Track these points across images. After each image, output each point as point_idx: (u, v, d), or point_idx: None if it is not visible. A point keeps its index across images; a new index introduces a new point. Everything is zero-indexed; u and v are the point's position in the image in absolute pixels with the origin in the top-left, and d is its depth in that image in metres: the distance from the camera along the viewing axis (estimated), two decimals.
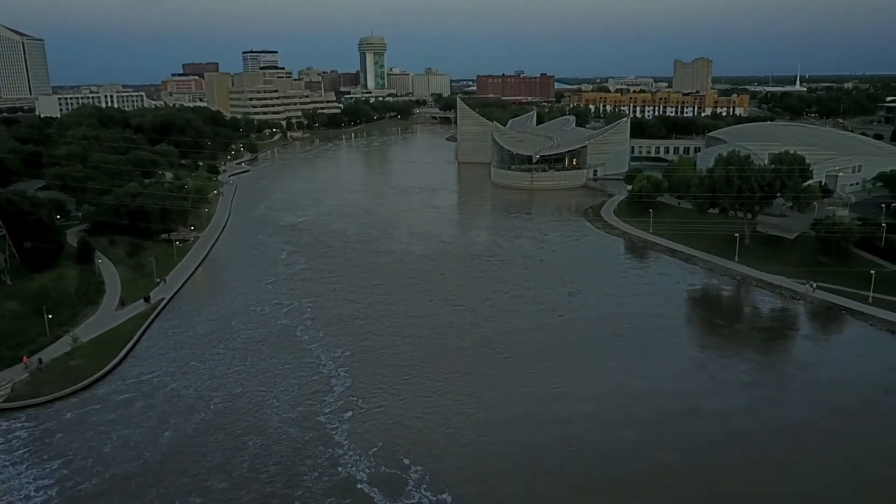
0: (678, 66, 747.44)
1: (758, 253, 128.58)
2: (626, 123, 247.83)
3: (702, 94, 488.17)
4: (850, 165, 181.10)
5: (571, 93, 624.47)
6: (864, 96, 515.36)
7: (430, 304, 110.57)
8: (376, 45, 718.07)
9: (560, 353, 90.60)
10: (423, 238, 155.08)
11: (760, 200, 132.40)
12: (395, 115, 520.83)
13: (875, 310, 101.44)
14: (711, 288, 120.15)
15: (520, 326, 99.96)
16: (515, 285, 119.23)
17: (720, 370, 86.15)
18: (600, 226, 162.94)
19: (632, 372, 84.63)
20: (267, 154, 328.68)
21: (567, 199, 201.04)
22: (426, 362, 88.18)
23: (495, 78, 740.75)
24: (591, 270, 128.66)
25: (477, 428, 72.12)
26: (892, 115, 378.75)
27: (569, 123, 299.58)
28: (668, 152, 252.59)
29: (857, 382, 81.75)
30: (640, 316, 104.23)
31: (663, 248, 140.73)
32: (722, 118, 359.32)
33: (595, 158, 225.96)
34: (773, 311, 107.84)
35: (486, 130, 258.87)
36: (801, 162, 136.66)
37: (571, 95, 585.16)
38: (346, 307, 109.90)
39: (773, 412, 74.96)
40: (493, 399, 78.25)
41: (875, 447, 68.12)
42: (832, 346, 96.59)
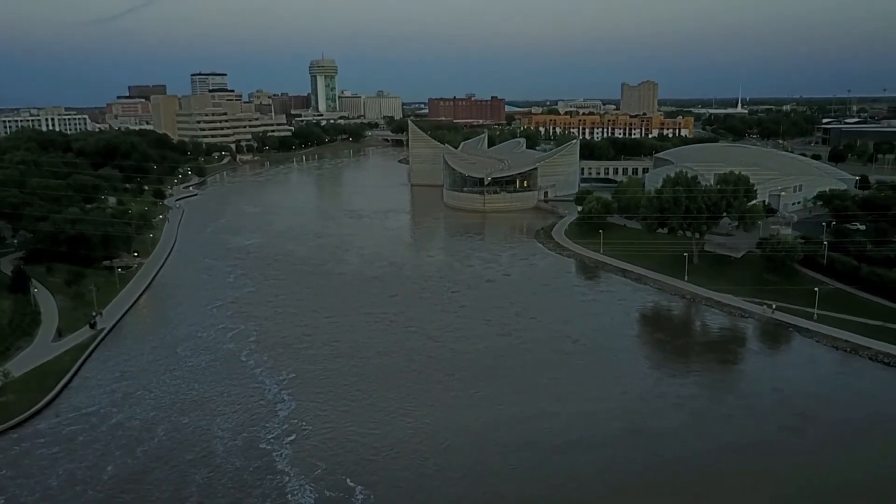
0: (625, 88, 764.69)
1: (706, 272, 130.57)
2: (575, 145, 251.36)
3: (648, 117, 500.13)
4: (791, 185, 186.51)
5: (522, 115, 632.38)
6: (801, 118, 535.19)
7: (379, 326, 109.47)
8: (327, 67, 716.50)
9: (508, 375, 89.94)
10: (374, 260, 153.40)
11: (707, 220, 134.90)
12: (346, 138, 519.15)
13: (820, 326, 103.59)
14: (662, 307, 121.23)
15: (469, 348, 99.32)
16: (466, 307, 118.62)
17: (670, 390, 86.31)
18: (552, 246, 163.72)
19: (582, 393, 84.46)
20: (216, 177, 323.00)
21: (519, 221, 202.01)
22: (373, 384, 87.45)
23: (447, 101, 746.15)
24: (542, 291, 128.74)
25: (422, 450, 71.29)
26: (829, 137, 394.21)
27: (519, 146, 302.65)
28: (617, 173, 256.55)
29: (804, 399, 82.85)
30: (591, 336, 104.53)
31: (614, 268, 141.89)
32: (668, 139, 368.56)
33: (546, 180, 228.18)
34: (722, 329, 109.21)
35: (438, 153, 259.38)
36: (746, 182, 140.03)
37: (522, 118, 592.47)
38: (293, 330, 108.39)
39: (722, 430, 75.45)
40: (438, 421, 77.53)
41: (822, 461, 68.94)
42: (780, 364, 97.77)
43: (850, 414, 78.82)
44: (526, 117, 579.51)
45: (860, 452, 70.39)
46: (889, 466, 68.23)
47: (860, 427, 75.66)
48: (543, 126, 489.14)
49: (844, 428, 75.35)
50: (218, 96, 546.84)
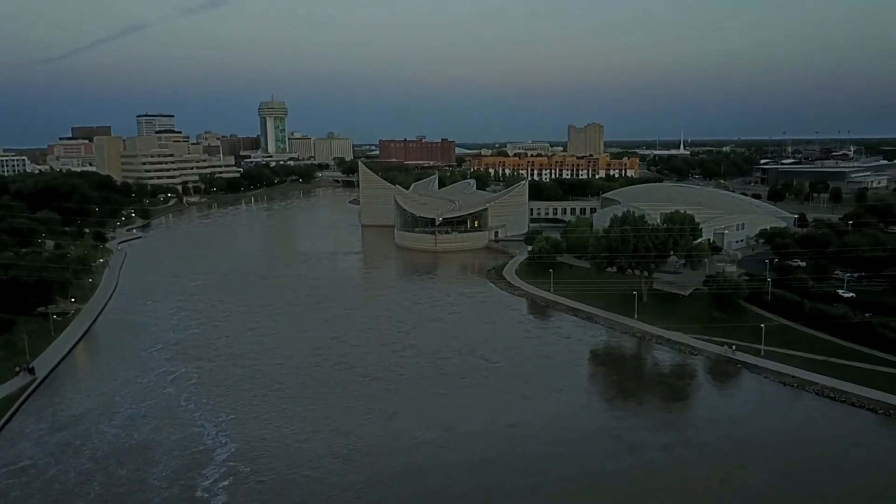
0: (572, 130, 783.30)
1: (656, 310, 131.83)
2: (524, 186, 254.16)
3: (595, 158, 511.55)
4: (734, 223, 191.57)
5: (472, 157, 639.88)
6: (741, 159, 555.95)
7: (324, 367, 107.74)
8: (277, 109, 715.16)
9: (458, 415, 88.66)
10: (322, 301, 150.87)
11: (655, 259, 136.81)
12: (296, 179, 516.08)
13: (767, 362, 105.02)
14: (612, 345, 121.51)
15: (415, 389, 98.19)
16: (418, 348, 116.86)
17: (624, 430, 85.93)
18: (503, 286, 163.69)
19: (537, 436, 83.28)
20: (161, 220, 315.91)
21: (470, 260, 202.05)
22: (314, 425, 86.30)
23: (397, 143, 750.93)
24: (493, 331, 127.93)
25: (360, 495, 70.11)
26: (767, 177, 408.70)
27: (470, 187, 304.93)
28: (566, 213, 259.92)
29: (755, 437, 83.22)
30: (543, 377, 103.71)
31: (564, 307, 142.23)
32: (615, 180, 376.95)
33: (496, 220, 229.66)
34: (672, 366, 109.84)
35: (388, 194, 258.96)
36: (691, 221, 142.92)
37: (472, 160, 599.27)
38: (236, 371, 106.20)
39: (677, 469, 75.32)
40: (380, 464, 76.56)
41: (775, 497, 68.82)
42: (730, 401, 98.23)
43: (798, 451, 79.22)
44: (476, 159, 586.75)
45: (807, 489, 70.63)
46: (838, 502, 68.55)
47: (811, 464, 76.09)
48: (493, 167, 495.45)
49: (794, 465, 75.59)
50: (164, 137, 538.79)
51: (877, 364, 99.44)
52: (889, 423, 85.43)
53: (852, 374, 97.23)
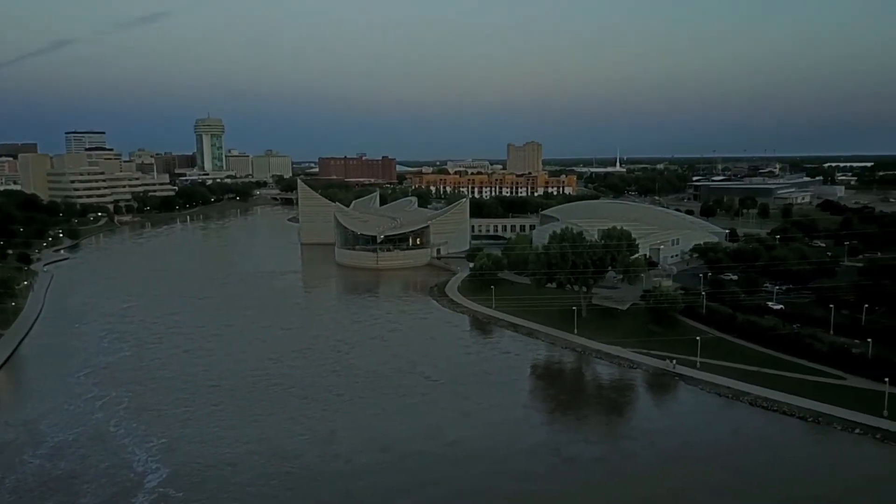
0: (511, 149, 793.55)
1: (595, 324, 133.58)
2: (465, 203, 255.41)
3: (534, 175, 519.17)
4: (669, 239, 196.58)
5: (413, 175, 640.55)
6: (674, 176, 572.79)
7: (261, 390, 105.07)
8: (213, 126, 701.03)
9: (397, 435, 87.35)
10: (259, 321, 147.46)
11: (594, 274, 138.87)
12: (234, 197, 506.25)
13: (703, 374, 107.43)
14: (553, 360, 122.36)
15: (358, 411, 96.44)
16: (357, 367, 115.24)
17: (562, 443, 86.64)
18: (445, 303, 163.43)
19: (476, 453, 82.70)
20: (91, 240, 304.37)
21: (412, 278, 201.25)
22: (250, 448, 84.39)
23: (338, 160, 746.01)
24: (434, 348, 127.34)
25: None
26: (699, 193, 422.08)
27: (411, 204, 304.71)
28: (506, 230, 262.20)
29: (690, 447, 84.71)
30: (483, 393, 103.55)
31: (506, 322, 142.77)
32: (553, 197, 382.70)
33: (438, 237, 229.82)
34: (611, 380, 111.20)
35: (328, 211, 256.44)
36: (628, 237, 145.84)
37: (413, 177, 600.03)
38: (168, 394, 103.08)
39: (611, 480, 76.19)
40: (317, 487, 75.46)
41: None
42: (666, 413, 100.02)
43: (731, 459, 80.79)
44: (417, 177, 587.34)
45: (739, 498, 72.10)
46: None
47: (743, 472, 77.51)
48: (434, 185, 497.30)
49: (726, 473, 77.13)
50: (95, 155, 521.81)
51: (806, 373, 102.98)
52: (817, 430, 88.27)
53: (783, 383, 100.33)
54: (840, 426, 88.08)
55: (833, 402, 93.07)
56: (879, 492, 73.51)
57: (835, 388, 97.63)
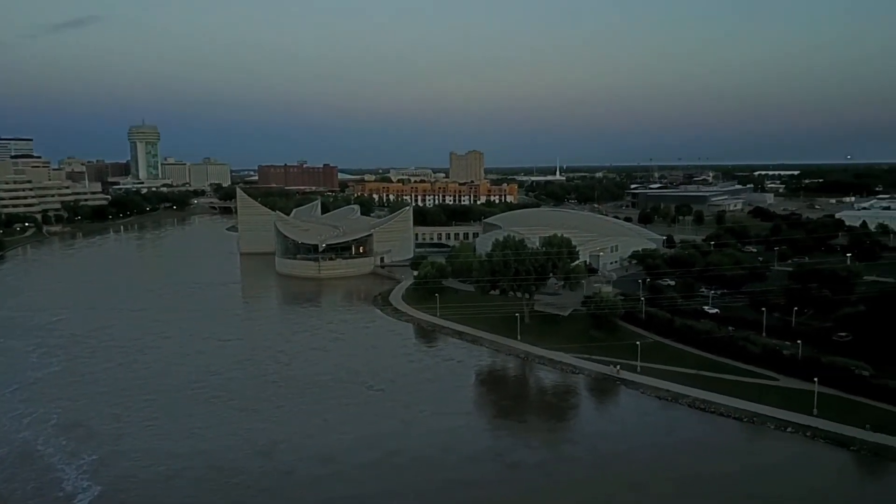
0: (454, 157, 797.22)
1: (537, 330, 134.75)
2: (408, 212, 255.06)
3: (476, 184, 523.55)
4: (608, 245, 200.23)
5: (355, 183, 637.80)
6: (612, 184, 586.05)
7: (198, 403, 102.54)
8: (148, 133, 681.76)
9: (339, 445, 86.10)
10: (197, 334, 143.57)
11: (536, 281, 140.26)
12: (170, 206, 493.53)
13: (643, 378, 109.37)
14: (497, 367, 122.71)
15: (299, 422, 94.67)
16: (298, 378, 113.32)
17: (504, 449, 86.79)
18: (390, 312, 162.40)
19: (419, 461, 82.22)
20: (17, 251, 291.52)
21: (356, 287, 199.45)
22: (187, 462, 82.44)
23: (278, 168, 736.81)
24: (378, 357, 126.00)
25: None
26: (637, 201, 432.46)
27: (354, 212, 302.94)
28: (450, 238, 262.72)
29: (631, 450, 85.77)
30: (427, 401, 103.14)
31: (450, 330, 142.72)
32: (495, 205, 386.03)
33: (381, 246, 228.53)
34: (554, 385, 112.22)
35: (268, 220, 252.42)
36: (569, 244, 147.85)
37: (355, 185, 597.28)
38: (100, 410, 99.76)
39: (552, 484, 76.79)
40: (253, 502, 73.91)
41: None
42: (608, 417, 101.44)
43: (670, 461, 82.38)
44: (359, 185, 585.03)
45: (678, 498, 73.52)
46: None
47: (681, 473, 79.07)
48: (377, 193, 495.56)
49: (666, 474, 78.46)
50: (21, 163, 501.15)
51: (741, 375, 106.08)
52: (753, 431, 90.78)
53: (720, 385, 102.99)
54: (773, 425, 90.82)
55: (766, 403, 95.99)
56: (808, 488, 75.79)
57: (767, 389, 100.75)
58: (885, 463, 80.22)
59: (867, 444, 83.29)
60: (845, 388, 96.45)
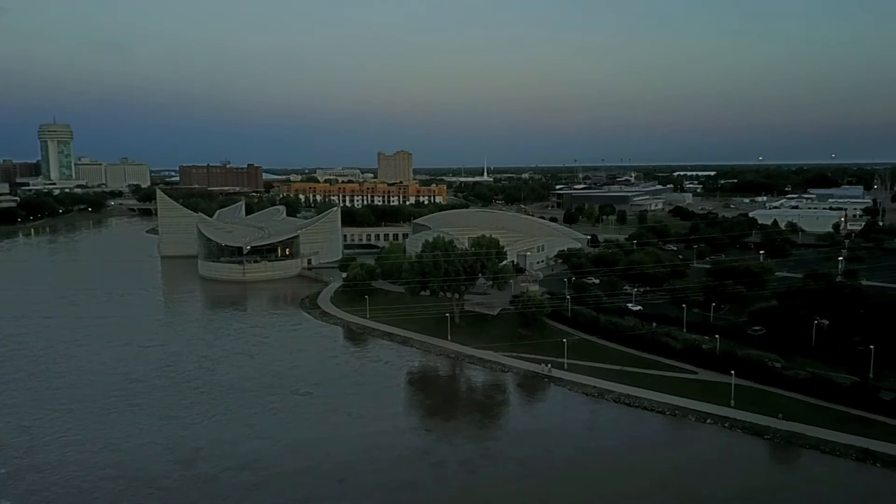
0: (382, 157, 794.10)
1: (467, 330, 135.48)
2: (336, 212, 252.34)
3: (405, 185, 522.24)
4: (535, 245, 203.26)
5: (281, 183, 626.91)
6: (538, 185, 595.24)
7: (117, 413, 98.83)
8: (60, 132, 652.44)
9: (265, 452, 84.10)
10: (115, 341, 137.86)
11: (465, 281, 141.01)
12: (85, 208, 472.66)
13: (570, 375, 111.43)
14: (427, 367, 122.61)
15: (224, 429, 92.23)
16: (222, 384, 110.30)
17: (431, 448, 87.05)
18: (318, 314, 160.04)
19: (346, 464, 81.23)
20: None
21: (282, 290, 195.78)
22: (106, 472, 79.67)
23: (200, 168, 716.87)
24: (306, 361, 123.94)
25: None
26: (562, 201, 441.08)
27: (279, 213, 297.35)
28: (379, 239, 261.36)
29: (558, 446, 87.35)
30: (355, 403, 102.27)
31: (380, 332, 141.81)
32: (424, 206, 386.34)
33: (308, 247, 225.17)
34: (483, 384, 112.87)
35: (191, 222, 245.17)
36: (497, 244, 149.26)
37: (281, 186, 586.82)
38: (7, 423, 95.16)
39: (475, 481, 77.57)
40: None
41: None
42: (535, 414, 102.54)
43: (597, 455, 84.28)
44: (285, 185, 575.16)
45: (600, 488, 75.23)
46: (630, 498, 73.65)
47: (607, 465, 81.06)
48: (303, 194, 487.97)
49: (592, 467, 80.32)
50: None
51: (663, 370, 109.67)
52: (674, 423, 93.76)
53: (644, 380, 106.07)
54: (694, 417, 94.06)
55: (687, 396, 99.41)
56: (726, 476, 78.60)
57: (688, 383, 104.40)
58: (796, 449, 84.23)
59: (780, 432, 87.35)
60: (759, 380, 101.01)
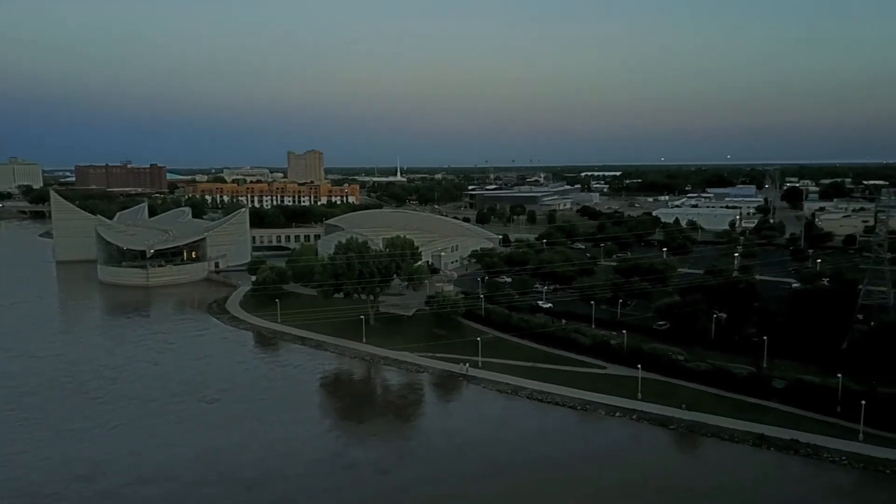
0: (292, 157, 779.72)
1: (383, 332, 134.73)
2: (245, 213, 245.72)
3: (317, 185, 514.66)
4: (449, 245, 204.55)
5: (186, 184, 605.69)
6: (451, 185, 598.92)
7: (8, 426, 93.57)
8: None
9: (173, 463, 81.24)
10: (3, 353, 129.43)
11: (380, 283, 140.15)
12: None
13: (485, 373, 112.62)
14: (342, 371, 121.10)
15: (128, 442, 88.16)
16: (125, 394, 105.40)
17: (343, 450, 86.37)
18: (227, 319, 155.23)
19: (260, 474, 79.21)
20: None
21: (189, 294, 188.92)
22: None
23: (98, 168, 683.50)
24: (214, 367, 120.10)
25: None
26: (475, 201, 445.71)
27: (185, 215, 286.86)
28: (290, 240, 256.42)
29: (472, 443, 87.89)
30: (266, 409, 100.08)
31: (293, 336, 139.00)
32: (337, 206, 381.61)
33: (216, 250, 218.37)
34: (399, 385, 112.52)
35: (89, 225, 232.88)
36: (411, 245, 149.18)
37: (186, 186, 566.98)
38: None
39: (373, 481, 77.51)
40: None
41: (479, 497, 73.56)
42: (450, 412, 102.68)
43: (512, 452, 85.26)
44: (190, 185, 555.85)
45: (516, 483, 76.50)
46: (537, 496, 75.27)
47: (521, 460, 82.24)
48: (210, 194, 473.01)
49: (506, 464, 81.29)
50: None
51: (574, 365, 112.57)
52: (585, 417, 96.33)
53: (555, 376, 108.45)
54: (604, 411, 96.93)
55: (597, 390, 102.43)
56: (633, 466, 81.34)
57: (598, 377, 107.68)
58: (698, 437, 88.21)
59: (684, 422, 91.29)
60: (664, 373, 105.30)
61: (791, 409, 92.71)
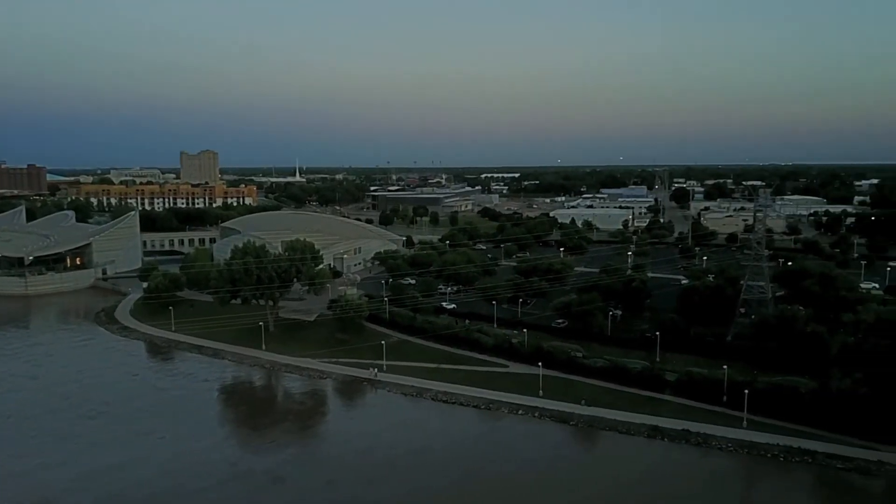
0: (184, 157, 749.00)
1: (283, 338, 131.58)
2: (134, 217, 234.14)
3: (211, 186, 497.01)
4: (352, 248, 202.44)
5: (68, 185, 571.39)
6: (353, 186, 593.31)
7: None
8: None
9: (57, 485, 76.44)
10: None
11: (279, 287, 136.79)
12: None
13: (389, 376, 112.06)
14: (240, 379, 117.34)
15: (4, 466, 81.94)
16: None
17: (239, 459, 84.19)
18: (116, 329, 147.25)
19: (152, 492, 75.64)
20: None
21: (74, 303, 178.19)
22: None
23: None
24: (101, 381, 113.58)
25: None
26: (377, 202, 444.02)
27: (68, 219, 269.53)
28: (184, 244, 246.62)
29: (376, 448, 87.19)
30: (157, 421, 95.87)
31: (188, 345, 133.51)
32: (233, 208, 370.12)
33: (103, 256, 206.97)
34: (301, 392, 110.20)
35: None
36: (312, 248, 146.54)
37: (69, 188, 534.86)
38: None
39: (268, 490, 76.12)
40: None
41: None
42: (352, 417, 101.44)
43: (416, 454, 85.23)
44: (73, 187, 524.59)
45: (417, 484, 76.69)
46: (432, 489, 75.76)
47: (425, 461, 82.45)
48: (95, 196, 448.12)
49: (411, 467, 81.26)
50: None
51: (477, 365, 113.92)
52: (488, 415, 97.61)
53: (459, 377, 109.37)
54: (507, 409, 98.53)
55: (500, 389, 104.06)
56: (531, 463, 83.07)
57: (501, 376, 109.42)
58: (597, 431, 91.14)
59: (583, 417, 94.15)
60: (564, 370, 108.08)
61: (683, 400, 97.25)
